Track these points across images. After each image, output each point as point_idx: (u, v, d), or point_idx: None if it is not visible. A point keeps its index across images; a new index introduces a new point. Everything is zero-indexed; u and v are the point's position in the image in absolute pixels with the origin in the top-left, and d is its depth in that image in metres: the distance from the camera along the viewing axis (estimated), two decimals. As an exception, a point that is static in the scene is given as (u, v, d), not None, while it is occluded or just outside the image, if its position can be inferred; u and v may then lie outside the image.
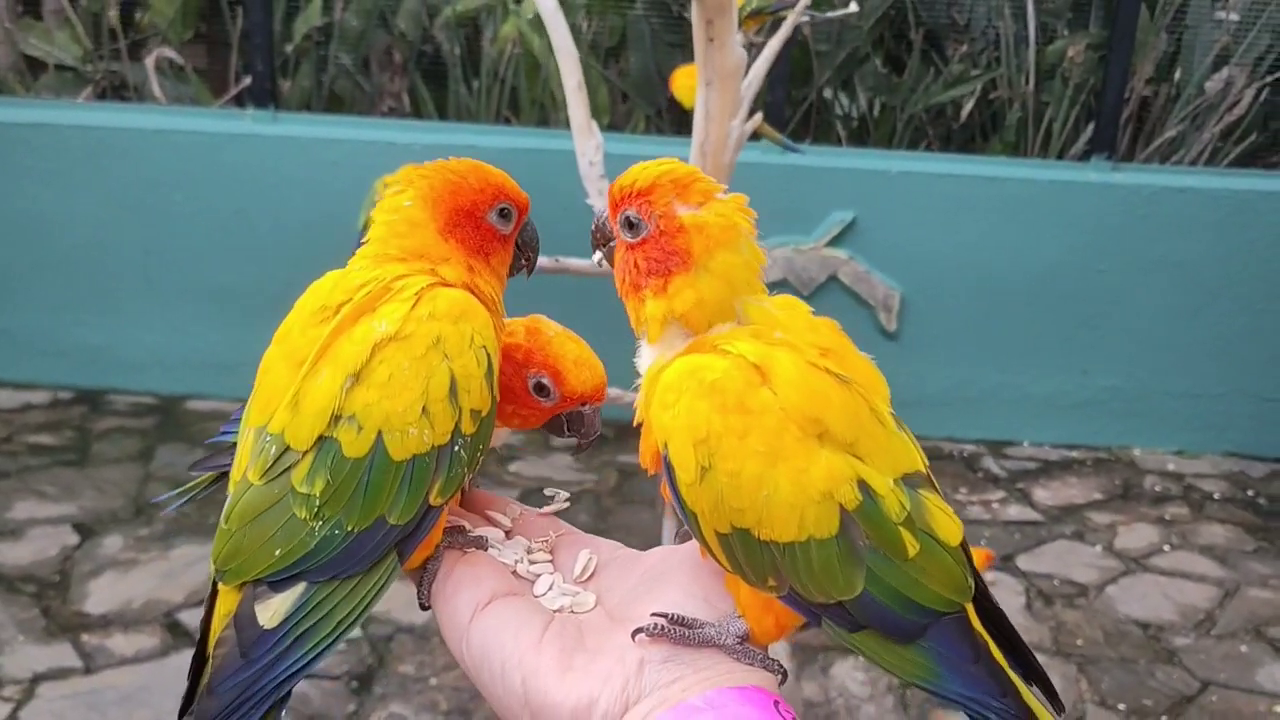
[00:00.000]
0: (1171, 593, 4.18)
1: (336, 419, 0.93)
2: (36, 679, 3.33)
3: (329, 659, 0.95)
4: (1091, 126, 5.28)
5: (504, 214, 1.08)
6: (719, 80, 2.41)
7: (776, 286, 5.50)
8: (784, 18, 2.75)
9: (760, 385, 0.88)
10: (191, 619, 3.63)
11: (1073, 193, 5.09)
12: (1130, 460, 5.25)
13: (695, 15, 2.34)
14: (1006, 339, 5.25)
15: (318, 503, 0.92)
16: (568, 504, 1.11)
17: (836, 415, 0.89)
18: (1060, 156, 5.43)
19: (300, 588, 0.93)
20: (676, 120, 5.64)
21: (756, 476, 0.87)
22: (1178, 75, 5.49)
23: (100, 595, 3.75)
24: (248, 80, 5.25)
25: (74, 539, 4.07)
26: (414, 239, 1.03)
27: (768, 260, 0.97)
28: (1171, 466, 5.22)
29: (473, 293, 1.02)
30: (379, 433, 0.93)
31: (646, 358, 0.99)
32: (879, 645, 0.90)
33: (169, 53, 5.38)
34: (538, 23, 5.34)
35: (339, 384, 0.93)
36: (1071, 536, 4.56)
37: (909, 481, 0.92)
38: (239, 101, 5.40)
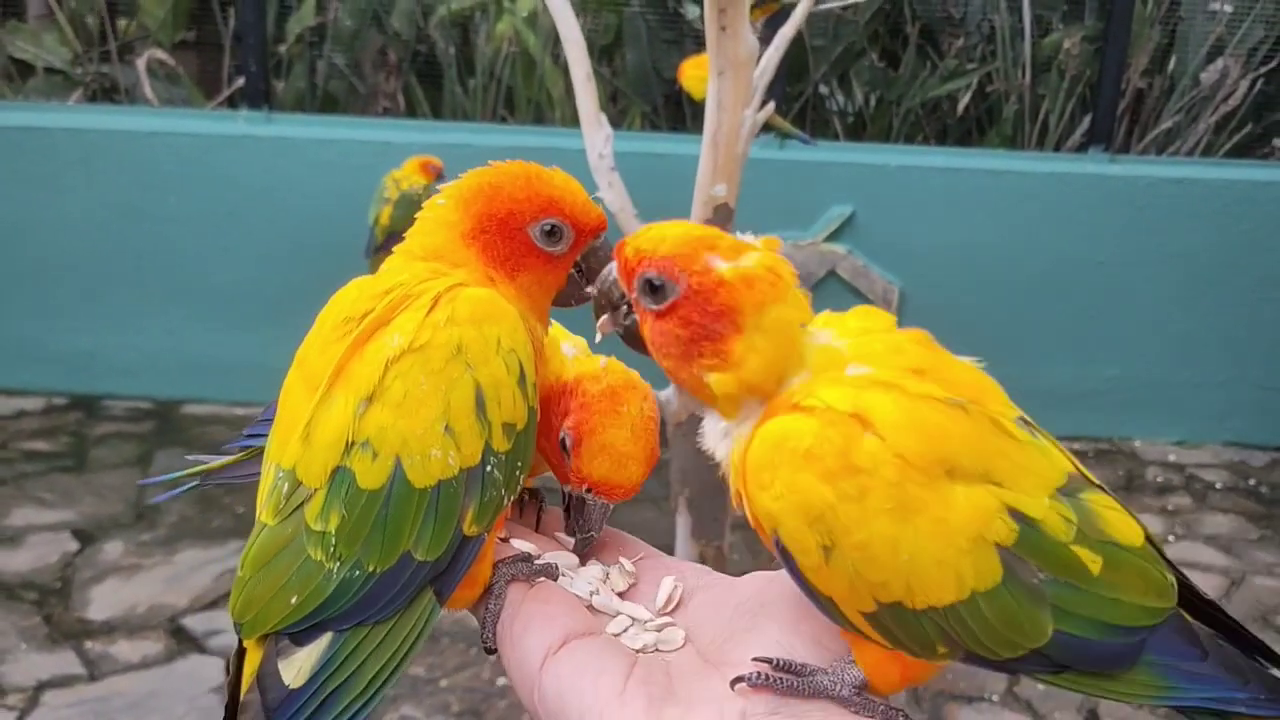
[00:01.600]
0: (1178, 582, 4.18)
1: (350, 447, 0.83)
2: (41, 687, 3.27)
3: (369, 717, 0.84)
4: (1088, 119, 5.29)
5: (551, 232, 0.95)
6: (731, 69, 2.39)
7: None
8: (792, 4, 2.74)
9: (863, 435, 0.76)
10: (197, 624, 3.57)
11: (1070, 185, 5.10)
12: (1132, 451, 5.26)
13: (707, 4, 2.32)
14: (1006, 332, 5.24)
15: (333, 541, 0.83)
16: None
17: (960, 444, 0.78)
18: (1057, 149, 5.43)
19: (326, 639, 0.83)
20: (672, 118, 5.63)
21: (891, 541, 0.75)
22: (1173, 67, 5.51)
23: (103, 601, 3.69)
24: (241, 81, 5.21)
25: (74, 545, 4.01)
26: (436, 238, 0.95)
27: (810, 306, 0.87)
28: (1173, 457, 5.23)
29: None
30: (396, 458, 0.83)
31: (717, 435, 0.86)
32: (1091, 680, 0.79)
33: (160, 54, 5.33)
34: (532, 21, 5.31)
35: (352, 409, 0.84)
36: (1076, 528, 4.55)
37: (1066, 491, 0.80)
38: (232, 103, 5.36)
